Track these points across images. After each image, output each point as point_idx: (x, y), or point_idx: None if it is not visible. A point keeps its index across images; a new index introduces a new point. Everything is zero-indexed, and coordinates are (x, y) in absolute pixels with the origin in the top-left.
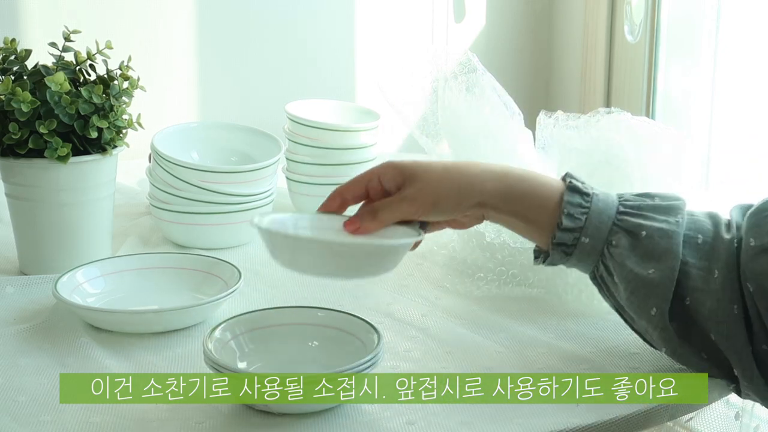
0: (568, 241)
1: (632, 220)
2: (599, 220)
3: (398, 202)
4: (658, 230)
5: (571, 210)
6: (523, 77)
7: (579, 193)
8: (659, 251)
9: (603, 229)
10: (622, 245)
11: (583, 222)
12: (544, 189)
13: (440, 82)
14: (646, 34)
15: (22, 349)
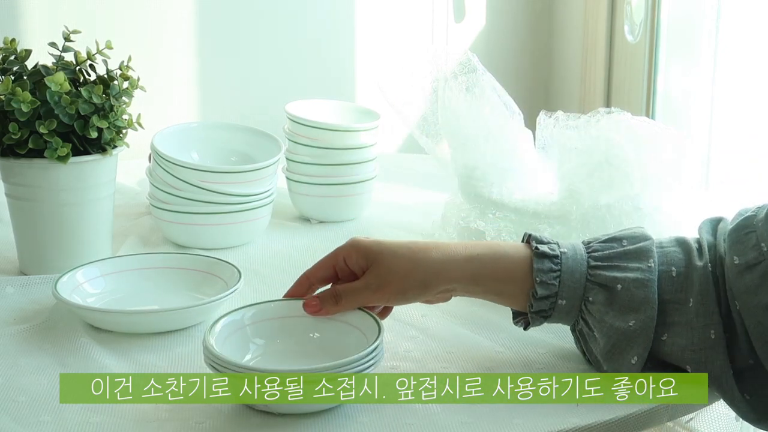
0: (545, 307)
1: (605, 273)
2: (572, 280)
3: (362, 289)
4: (633, 281)
5: (543, 277)
6: (523, 77)
7: (547, 257)
8: (637, 302)
9: (578, 288)
10: (599, 301)
11: (557, 287)
12: (511, 262)
13: (440, 82)
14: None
15: (22, 349)
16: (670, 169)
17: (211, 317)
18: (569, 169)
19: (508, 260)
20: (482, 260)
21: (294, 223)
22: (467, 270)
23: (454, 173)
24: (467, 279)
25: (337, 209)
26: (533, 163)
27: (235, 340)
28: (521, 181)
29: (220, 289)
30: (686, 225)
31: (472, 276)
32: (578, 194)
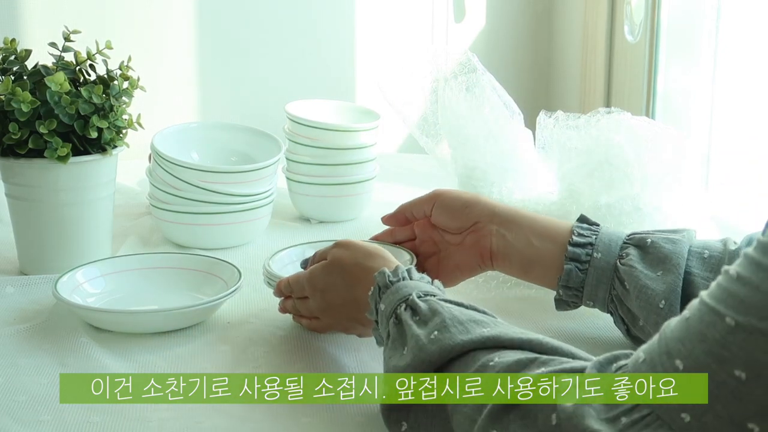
0: (582, 255)
1: (638, 236)
2: (609, 239)
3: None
4: (662, 238)
5: (581, 230)
6: (523, 77)
7: (587, 222)
8: (664, 254)
9: (614, 246)
10: (632, 254)
11: (593, 239)
12: (555, 220)
13: (440, 82)
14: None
15: (22, 349)
16: (670, 169)
17: (211, 317)
18: (569, 169)
19: (549, 218)
20: (524, 212)
21: (294, 223)
22: (508, 208)
23: (454, 173)
24: (507, 215)
25: (337, 209)
26: (533, 163)
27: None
28: (521, 181)
29: (220, 289)
30: (686, 225)
31: (511, 214)
32: (578, 194)
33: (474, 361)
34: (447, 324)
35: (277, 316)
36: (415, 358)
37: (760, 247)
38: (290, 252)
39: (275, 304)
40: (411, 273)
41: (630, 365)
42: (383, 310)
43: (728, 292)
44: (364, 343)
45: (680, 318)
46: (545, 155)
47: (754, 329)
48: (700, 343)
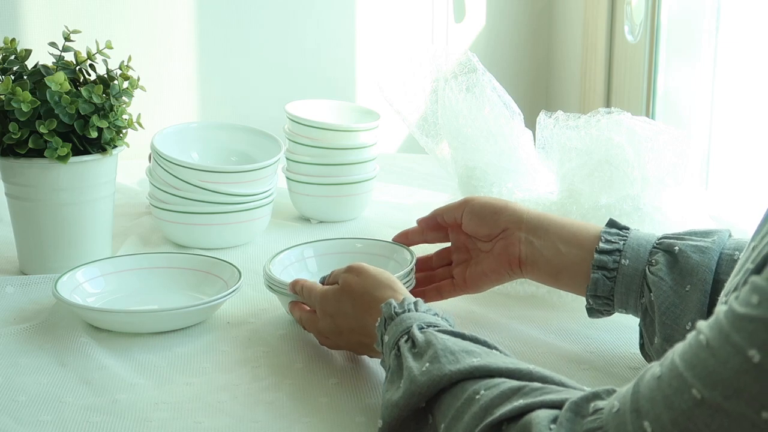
0: (609, 263)
1: (668, 241)
2: (638, 244)
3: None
4: (691, 246)
5: (609, 237)
6: (523, 77)
7: (616, 226)
8: (692, 265)
9: (642, 252)
10: (661, 262)
11: (621, 246)
12: (581, 225)
13: (440, 82)
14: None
15: (22, 349)
16: (670, 169)
17: (211, 317)
18: (569, 169)
19: (579, 221)
20: (552, 216)
21: (294, 223)
22: (536, 214)
23: (454, 173)
24: (535, 222)
25: (337, 209)
26: (533, 163)
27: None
28: (521, 181)
29: (220, 289)
30: (686, 225)
31: (539, 221)
32: (578, 194)
33: (462, 392)
34: (438, 354)
35: (277, 316)
36: (406, 391)
37: (732, 317)
38: (289, 254)
39: (275, 304)
40: (417, 305)
41: (605, 413)
42: (387, 342)
43: (698, 358)
44: None
45: (653, 373)
46: (545, 155)
47: (719, 408)
48: (668, 409)
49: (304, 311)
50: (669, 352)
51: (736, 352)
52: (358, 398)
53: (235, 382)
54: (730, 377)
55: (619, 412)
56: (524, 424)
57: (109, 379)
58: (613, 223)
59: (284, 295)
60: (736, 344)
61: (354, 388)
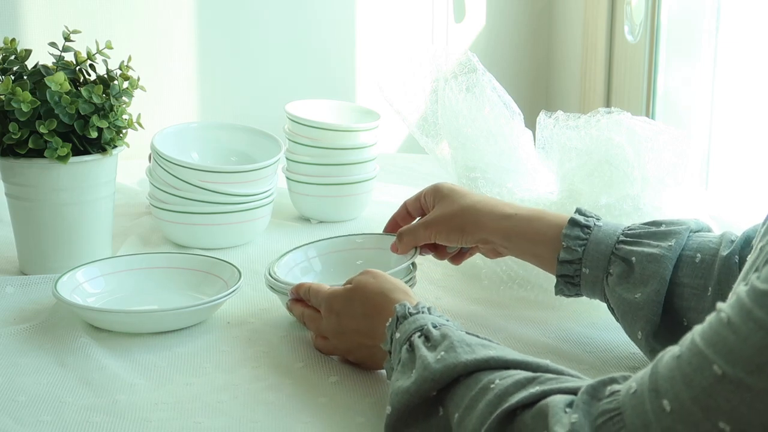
0: (570, 272)
1: (626, 248)
2: (597, 251)
3: (417, 226)
4: (647, 255)
5: (570, 243)
6: (523, 77)
7: (579, 225)
8: (646, 275)
9: (602, 260)
10: (617, 273)
11: (580, 253)
12: (545, 225)
13: (440, 82)
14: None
15: (22, 349)
16: (670, 169)
17: (211, 317)
18: (569, 169)
19: (542, 223)
20: (518, 219)
21: (294, 223)
22: (501, 226)
23: (454, 173)
24: (500, 235)
25: (336, 209)
26: (533, 163)
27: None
28: (521, 181)
29: (220, 289)
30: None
31: (505, 233)
32: (578, 194)
33: (476, 382)
34: (454, 345)
35: (277, 316)
36: (419, 378)
37: (753, 294)
38: (294, 255)
39: (275, 304)
40: (431, 309)
41: (621, 395)
42: (398, 338)
43: (719, 336)
44: None
45: (672, 354)
46: (545, 155)
47: (740, 383)
48: (687, 387)
49: (307, 308)
50: (688, 333)
51: (759, 327)
52: (358, 398)
53: (235, 382)
54: (752, 353)
55: (637, 393)
56: (540, 409)
57: (109, 379)
58: (575, 221)
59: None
60: (759, 320)
61: (354, 388)
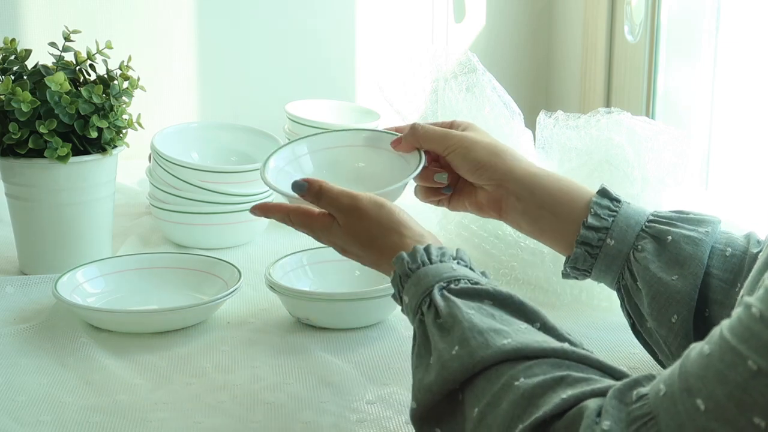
0: (593, 241)
1: (659, 227)
2: (626, 224)
3: (439, 130)
4: (684, 236)
5: (599, 211)
6: (523, 77)
7: (609, 198)
8: (683, 257)
9: (630, 234)
10: (648, 249)
11: (609, 223)
12: (574, 188)
13: (440, 82)
14: (646, 34)
15: (22, 349)
16: (670, 169)
17: (211, 317)
18: (569, 169)
19: (572, 187)
20: (548, 176)
21: None
22: (529, 173)
23: None
24: (526, 182)
25: None
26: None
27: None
28: None
29: (220, 289)
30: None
31: (531, 182)
32: None
33: (497, 377)
34: (467, 337)
35: (277, 316)
36: (438, 376)
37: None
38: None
39: (275, 304)
40: (429, 253)
41: (650, 397)
42: (407, 303)
43: (750, 331)
44: (363, 343)
45: (700, 351)
46: (545, 155)
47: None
48: (721, 384)
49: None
50: (714, 329)
51: None
52: (358, 398)
53: (235, 382)
54: None
55: (667, 394)
56: (572, 419)
57: (109, 379)
58: (605, 193)
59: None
60: None
61: (354, 388)
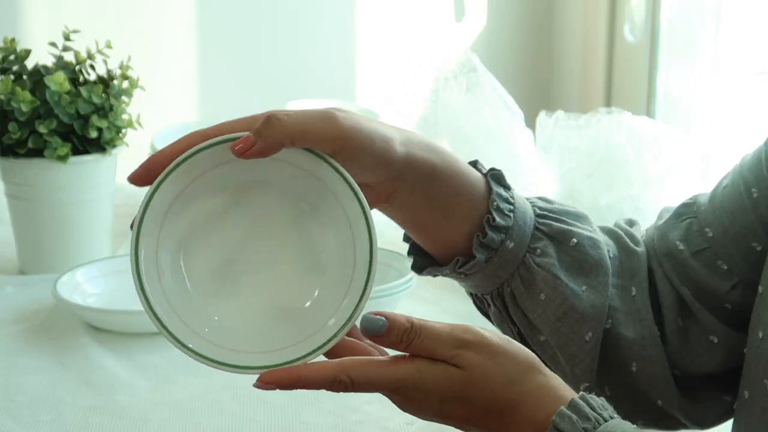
0: (495, 244)
1: (556, 225)
2: (523, 221)
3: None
4: (588, 239)
5: (501, 204)
6: (523, 77)
7: (503, 186)
8: (590, 263)
9: (526, 233)
10: (549, 254)
11: (512, 220)
12: (468, 171)
13: (440, 82)
14: (647, 34)
15: (21, 349)
16: (670, 169)
17: None
18: (569, 169)
19: (464, 167)
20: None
21: None
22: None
23: None
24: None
25: None
26: (533, 163)
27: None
28: (521, 181)
29: None
30: None
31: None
32: (578, 194)
33: None
34: None
35: None
36: None
37: None
38: None
39: None
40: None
41: None
42: None
43: None
44: None
45: None
46: (545, 155)
47: None
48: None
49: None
50: None
51: None
52: (358, 398)
53: (235, 382)
54: None
55: None
56: None
57: (109, 379)
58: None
59: None
60: None
61: None
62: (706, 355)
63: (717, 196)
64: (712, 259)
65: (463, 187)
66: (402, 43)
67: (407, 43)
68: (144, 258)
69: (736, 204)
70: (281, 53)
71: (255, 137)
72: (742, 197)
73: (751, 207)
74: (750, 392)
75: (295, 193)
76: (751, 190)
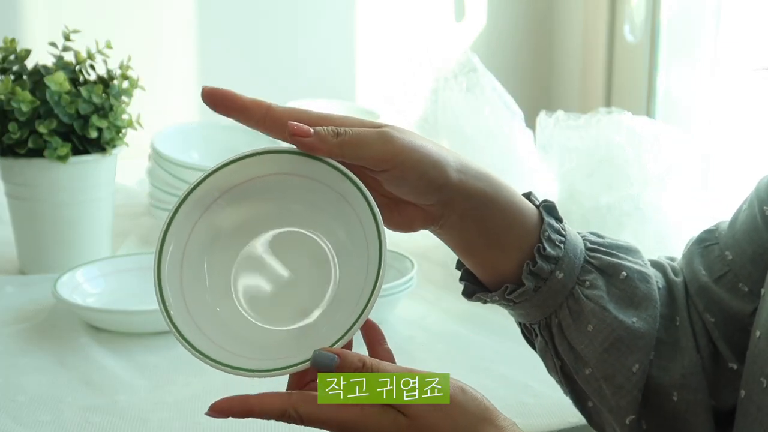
0: (545, 273)
1: (605, 258)
2: (573, 253)
3: (371, 135)
4: (637, 273)
5: (552, 235)
6: (523, 77)
7: (555, 217)
8: (639, 297)
9: (576, 266)
10: (599, 286)
11: (562, 251)
12: (523, 204)
13: (440, 82)
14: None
15: (21, 349)
16: (670, 169)
17: None
18: (569, 169)
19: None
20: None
21: None
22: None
23: None
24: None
25: None
26: (533, 163)
27: None
28: (521, 181)
29: None
30: (686, 225)
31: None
32: (578, 194)
33: None
34: None
35: None
36: None
37: None
38: None
39: None
40: None
41: None
42: None
43: None
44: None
45: None
46: (545, 155)
47: None
48: None
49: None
50: None
51: None
52: None
53: (235, 382)
54: None
55: None
56: None
57: (109, 379)
58: (551, 209)
59: None
60: None
61: None
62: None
63: (737, 220)
64: (733, 282)
65: (515, 218)
66: (402, 43)
67: (407, 43)
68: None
69: (752, 224)
70: (281, 53)
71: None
72: (756, 217)
73: (763, 225)
74: (746, 391)
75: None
76: (764, 209)
